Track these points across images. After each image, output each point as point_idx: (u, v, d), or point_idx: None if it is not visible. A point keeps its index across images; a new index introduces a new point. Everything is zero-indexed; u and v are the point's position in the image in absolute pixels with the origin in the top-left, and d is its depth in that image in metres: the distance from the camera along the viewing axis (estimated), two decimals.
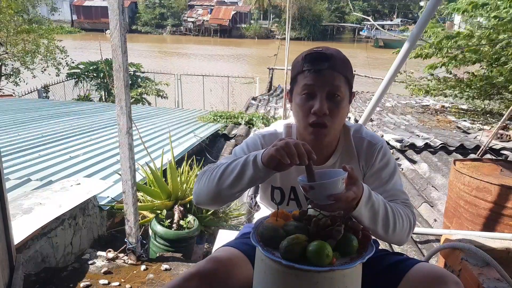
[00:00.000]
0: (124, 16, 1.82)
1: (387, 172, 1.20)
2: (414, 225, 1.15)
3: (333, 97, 1.10)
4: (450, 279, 1.03)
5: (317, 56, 1.11)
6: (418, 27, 2.39)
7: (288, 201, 1.26)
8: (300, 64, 1.13)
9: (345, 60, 1.14)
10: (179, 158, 3.73)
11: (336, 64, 1.10)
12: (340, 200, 0.92)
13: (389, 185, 1.19)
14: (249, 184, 1.06)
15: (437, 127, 6.98)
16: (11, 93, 10.35)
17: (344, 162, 1.21)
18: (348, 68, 1.14)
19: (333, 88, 1.10)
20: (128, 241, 2.12)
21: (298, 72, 1.13)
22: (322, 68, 1.09)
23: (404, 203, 1.17)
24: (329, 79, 1.09)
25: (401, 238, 1.12)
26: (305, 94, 1.11)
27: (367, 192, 1.01)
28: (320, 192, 0.93)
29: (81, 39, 31.85)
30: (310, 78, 1.10)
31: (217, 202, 1.16)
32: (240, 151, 1.24)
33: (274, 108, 9.25)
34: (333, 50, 1.13)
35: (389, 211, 1.07)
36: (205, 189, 1.13)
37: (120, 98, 1.88)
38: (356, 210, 0.98)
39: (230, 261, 1.09)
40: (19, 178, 2.88)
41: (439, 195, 3.54)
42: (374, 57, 18.96)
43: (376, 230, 1.06)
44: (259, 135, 1.27)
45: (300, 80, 1.13)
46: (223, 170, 1.09)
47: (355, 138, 1.23)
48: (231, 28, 43.50)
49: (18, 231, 1.88)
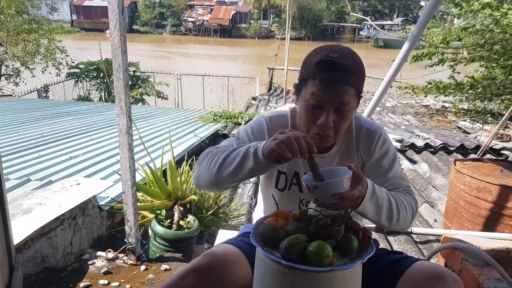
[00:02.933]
0: (124, 16, 1.82)
1: (387, 160, 1.20)
2: (416, 211, 1.16)
3: (341, 110, 1.08)
4: (449, 276, 1.03)
5: (332, 66, 1.04)
6: (418, 27, 2.39)
7: (290, 185, 1.26)
8: (312, 69, 1.07)
9: (359, 70, 1.08)
10: (179, 158, 3.72)
11: (349, 78, 1.05)
12: (346, 199, 0.92)
13: (389, 174, 1.19)
14: (249, 175, 1.06)
15: (437, 127, 6.98)
16: (11, 93, 10.36)
17: (344, 151, 1.22)
18: (361, 77, 1.10)
19: (342, 102, 1.07)
20: (128, 241, 2.12)
21: (309, 76, 1.08)
22: (335, 80, 1.04)
23: (406, 191, 1.18)
24: (339, 94, 1.05)
25: (404, 226, 1.14)
26: (313, 103, 1.07)
27: (371, 187, 1.01)
28: (325, 192, 0.93)
29: (81, 39, 31.82)
30: (320, 89, 1.05)
31: (216, 188, 1.17)
32: (243, 135, 1.23)
33: (274, 108, 9.25)
34: (348, 59, 1.06)
35: (393, 203, 1.07)
36: (205, 174, 1.13)
37: (120, 98, 1.88)
38: (361, 206, 0.99)
39: (226, 257, 1.08)
40: (19, 178, 2.88)
41: (440, 195, 3.54)
42: (374, 57, 18.94)
43: (380, 222, 1.07)
44: (265, 117, 1.25)
45: (309, 85, 1.08)
46: (224, 159, 1.08)
47: (355, 126, 1.22)
48: (231, 28, 43.48)
49: (18, 231, 1.88)
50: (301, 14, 39.12)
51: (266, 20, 44.23)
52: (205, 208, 2.75)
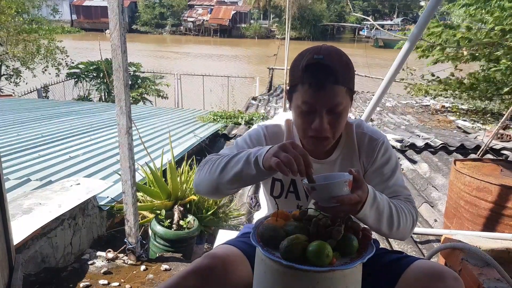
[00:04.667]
0: (124, 16, 1.82)
1: (389, 168, 1.20)
2: (417, 220, 1.15)
3: (334, 111, 1.07)
4: (449, 275, 1.02)
5: (319, 69, 1.03)
6: (418, 27, 2.39)
7: (287, 193, 1.25)
8: (300, 74, 1.05)
9: (346, 65, 1.07)
10: (179, 158, 3.72)
11: (338, 77, 1.03)
12: (344, 202, 0.91)
13: (391, 182, 1.19)
14: (249, 182, 1.07)
15: (437, 127, 6.98)
16: (11, 93, 10.36)
17: (345, 157, 1.21)
18: (350, 75, 1.08)
19: (334, 104, 1.05)
20: (128, 241, 2.12)
21: (298, 81, 1.06)
22: (324, 83, 1.03)
23: (407, 199, 1.17)
24: (330, 96, 1.04)
25: (404, 234, 1.13)
26: (305, 109, 1.07)
27: (372, 193, 1.00)
28: (322, 194, 0.93)
29: (81, 39, 31.80)
30: (310, 94, 1.04)
31: (216, 195, 1.17)
32: (242, 143, 1.23)
33: (274, 108, 9.25)
34: (334, 58, 1.04)
35: (394, 210, 1.07)
36: (206, 181, 1.13)
37: (120, 98, 1.88)
38: (361, 212, 0.98)
39: (227, 258, 1.08)
40: (18, 178, 2.88)
41: (440, 195, 3.54)
42: (374, 57, 18.95)
43: (380, 229, 1.07)
44: (262, 126, 1.26)
45: (299, 91, 1.06)
46: (224, 165, 1.08)
47: (357, 133, 1.22)
48: (231, 28, 43.47)
49: (18, 231, 1.88)
50: (301, 14, 39.13)
51: (266, 20, 44.23)
52: (205, 208, 2.75)
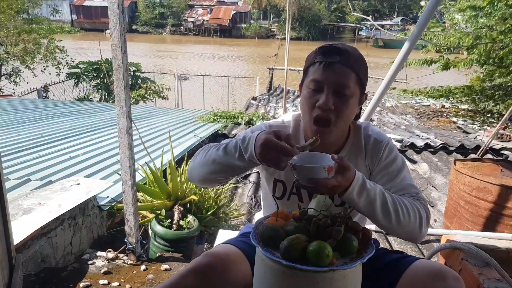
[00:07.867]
0: (124, 16, 1.82)
1: (395, 167, 1.20)
2: (427, 217, 1.11)
3: (341, 93, 1.10)
4: (450, 274, 1.02)
5: (331, 49, 1.11)
6: (418, 27, 2.39)
7: (290, 195, 1.26)
8: (313, 56, 1.14)
9: (360, 57, 1.14)
10: (179, 158, 3.72)
11: (348, 60, 1.09)
12: (319, 185, 0.95)
13: (397, 180, 1.18)
14: (237, 172, 1.13)
15: (437, 127, 6.98)
16: (11, 93, 10.36)
17: (351, 157, 1.22)
18: (362, 66, 1.14)
19: (341, 84, 1.09)
20: (128, 241, 2.12)
21: (310, 63, 1.14)
22: (333, 61, 1.09)
23: (414, 197, 1.15)
24: (339, 74, 1.09)
25: (411, 231, 1.09)
26: (313, 87, 1.12)
27: (361, 181, 1.02)
28: (301, 174, 0.98)
29: (81, 39, 31.83)
30: (319, 71, 1.10)
31: (208, 182, 1.20)
32: None
33: (274, 108, 9.24)
34: (348, 47, 1.13)
35: (389, 200, 1.06)
36: (198, 167, 1.16)
37: (120, 98, 1.88)
38: (345, 196, 1.01)
39: (227, 257, 1.08)
40: (18, 178, 2.88)
41: (439, 195, 3.54)
42: (374, 57, 18.93)
43: (377, 219, 1.06)
44: (266, 124, 1.28)
45: (310, 72, 1.13)
46: (217, 150, 1.11)
47: (364, 135, 1.23)
48: (231, 28, 43.47)
49: (18, 231, 1.88)
50: (301, 14, 39.11)
51: (266, 20, 44.22)
52: (205, 208, 2.75)
